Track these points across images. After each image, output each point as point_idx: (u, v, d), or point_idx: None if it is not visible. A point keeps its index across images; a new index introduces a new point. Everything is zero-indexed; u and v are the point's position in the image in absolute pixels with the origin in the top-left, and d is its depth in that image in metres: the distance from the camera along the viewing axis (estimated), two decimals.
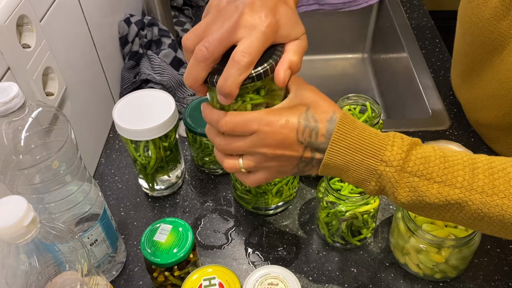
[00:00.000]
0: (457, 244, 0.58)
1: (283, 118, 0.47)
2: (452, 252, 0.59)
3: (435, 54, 1.04)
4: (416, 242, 0.60)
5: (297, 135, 0.47)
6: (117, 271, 0.67)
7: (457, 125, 0.86)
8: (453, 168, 0.45)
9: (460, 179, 0.45)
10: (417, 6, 1.21)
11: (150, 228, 0.60)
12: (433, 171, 0.46)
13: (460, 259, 0.60)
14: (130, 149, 0.70)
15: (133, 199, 0.77)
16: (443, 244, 0.58)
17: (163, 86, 0.90)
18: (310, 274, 0.66)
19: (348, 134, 0.47)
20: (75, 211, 0.55)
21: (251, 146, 0.48)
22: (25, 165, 0.47)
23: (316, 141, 0.47)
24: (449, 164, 0.46)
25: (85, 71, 0.79)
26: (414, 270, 0.63)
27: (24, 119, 0.46)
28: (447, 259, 0.59)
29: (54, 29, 0.67)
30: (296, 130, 0.47)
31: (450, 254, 0.59)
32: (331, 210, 0.63)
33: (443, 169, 0.46)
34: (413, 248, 0.61)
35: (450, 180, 0.45)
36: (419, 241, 0.59)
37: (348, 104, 0.72)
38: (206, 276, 0.55)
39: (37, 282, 0.43)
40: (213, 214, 0.75)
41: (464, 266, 0.63)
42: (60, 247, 0.44)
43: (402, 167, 0.46)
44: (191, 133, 0.73)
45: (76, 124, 0.76)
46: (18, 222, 0.39)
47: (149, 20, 0.99)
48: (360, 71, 1.37)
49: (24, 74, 0.59)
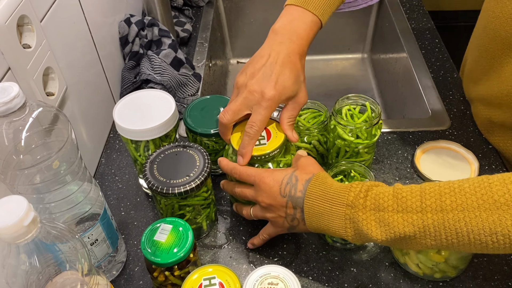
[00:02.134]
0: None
1: (273, 175, 0.60)
2: (452, 252, 0.59)
3: (435, 54, 1.04)
4: None
5: (280, 189, 0.59)
6: (117, 271, 0.67)
7: (457, 125, 0.86)
8: (406, 198, 0.52)
9: (414, 205, 0.51)
10: (417, 7, 1.21)
11: (150, 228, 0.60)
12: (390, 204, 0.52)
13: (460, 259, 0.60)
14: (130, 149, 0.70)
15: (134, 199, 0.77)
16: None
17: (163, 86, 0.90)
18: (310, 274, 0.66)
19: (318, 188, 0.57)
20: (75, 211, 0.55)
21: (253, 194, 0.62)
22: (25, 165, 0.47)
23: (295, 195, 0.58)
24: (402, 195, 0.52)
25: (85, 71, 0.79)
26: (414, 270, 0.64)
27: (25, 119, 0.46)
28: (446, 259, 0.60)
29: (54, 29, 0.67)
30: (280, 184, 0.59)
31: (450, 254, 0.59)
32: None
33: (399, 199, 0.52)
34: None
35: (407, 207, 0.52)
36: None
37: (348, 104, 0.72)
38: (206, 275, 0.55)
39: (37, 282, 0.43)
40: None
41: (464, 266, 0.63)
42: (61, 247, 0.44)
43: (364, 205, 0.53)
44: (191, 133, 0.73)
45: (76, 124, 0.76)
46: (19, 222, 0.39)
47: (149, 20, 0.99)
48: (360, 71, 1.37)
49: (24, 74, 0.59)
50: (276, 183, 0.59)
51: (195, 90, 0.96)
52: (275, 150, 0.63)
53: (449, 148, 0.81)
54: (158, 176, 0.62)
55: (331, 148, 0.72)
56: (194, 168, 0.62)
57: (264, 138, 0.64)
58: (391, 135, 0.85)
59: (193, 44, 1.13)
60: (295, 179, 0.58)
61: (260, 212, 0.63)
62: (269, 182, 0.59)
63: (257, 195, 0.61)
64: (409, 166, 0.80)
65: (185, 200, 0.63)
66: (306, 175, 0.59)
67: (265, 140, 0.64)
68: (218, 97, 0.76)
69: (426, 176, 0.76)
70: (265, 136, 0.64)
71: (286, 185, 0.58)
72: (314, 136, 0.72)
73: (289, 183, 0.58)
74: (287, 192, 0.58)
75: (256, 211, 0.64)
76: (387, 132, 0.86)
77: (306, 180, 0.58)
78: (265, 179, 0.60)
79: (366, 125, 0.67)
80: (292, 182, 0.58)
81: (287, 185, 0.58)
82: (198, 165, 0.63)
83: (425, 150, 0.81)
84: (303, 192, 0.57)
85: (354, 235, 0.55)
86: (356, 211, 0.54)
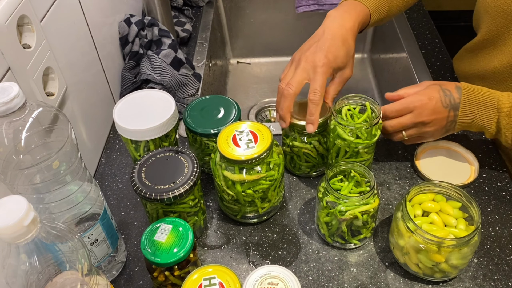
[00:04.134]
0: (457, 244, 0.58)
1: (428, 95, 0.70)
2: (452, 252, 0.59)
3: (435, 54, 1.04)
4: (416, 241, 0.60)
5: (441, 102, 0.70)
6: (117, 271, 0.67)
7: None
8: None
9: None
10: (417, 7, 1.21)
11: (150, 228, 0.60)
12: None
13: (460, 259, 0.60)
14: (130, 149, 0.70)
15: (134, 199, 0.77)
16: (442, 244, 0.58)
17: (163, 86, 0.90)
18: (310, 274, 0.66)
19: (472, 93, 0.69)
20: (75, 211, 0.55)
21: (414, 118, 0.71)
22: (25, 165, 0.47)
23: (455, 102, 0.70)
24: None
25: (85, 71, 0.79)
26: (414, 270, 0.64)
27: (25, 119, 0.46)
28: (447, 258, 0.60)
29: (54, 29, 0.67)
30: (440, 100, 0.70)
31: (450, 254, 0.59)
32: (331, 210, 0.63)
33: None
34: (412, 248, 0.61)
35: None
36: (419, 241, 0.59)
37: (348, 104, 0.72)
38: (206, 275, 0.55)
39: (37, 282, 0.43)
40: (213, 213, 0.75)
41: (464, 266, 0.63)
42: (61, 247, 0.44)
43: (509, 113, 0.67)
44: (191, 133, 0.73)
45: (76, 124, 0.76)
46: (19, 222, 0.39)
47: (149, 20, 0.99)
48: (360, 71, 1.37)
49: (24, 74, 0.59)
50: (435, 99, 0.69)
51: (195, 90, 0.96)
52: (265, 152, 0.63)
53: (449, 148, 0.81)
54: (145, 180, 0.62)
55: (331, 148, 0.72)
56: (181, 175, 0.62)
57: (251, 142, 0.64)
58: None
59: (193, 44, 1.13)
60: (448, 91, 0.70)
61: (416, 130, 0.72)
62: (429, 101, 0.69)
63: (419, 117, 0.70)
64: (409, 166, 0.80)
65: (170, 206, 0.63)
66: (451, 86, 0.71)
67: (253, 143, 0.64)
68: (218, 97, 0.76)
69: (426, 176, 0.76)
70: (252, 139, 0.64)
71: (445, 97, 0.70)
72: (314, 136, 0.72)
73: (446, 95, 0.70)
74: (448, 102, 0.69)
75: (411, 131, 0.73)
76: None
77: (454, 89, 0.70)
78: (424, 101, 0.70)
79: (366, 125, 0.67)
80: (447, 93, 0.70)
81: (445, 97, 0.70)
82: (186, 173, 0.62)
83: (425, 150, 0.81)
84: (459, 98, 0.69)
85: (493, 133, 0.69)
86: (502, 115, 0.67)
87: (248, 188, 0.65)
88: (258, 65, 1.43)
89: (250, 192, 0.65)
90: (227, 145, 0.63)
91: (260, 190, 0.66)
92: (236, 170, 0.64)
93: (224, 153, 0.63)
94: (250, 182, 0.64)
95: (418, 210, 0.65)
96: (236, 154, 0.62)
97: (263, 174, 0.64)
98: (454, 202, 0.64)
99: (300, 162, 0.76)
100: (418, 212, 0.65)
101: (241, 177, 0.64)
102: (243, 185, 0.65)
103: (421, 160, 0.79)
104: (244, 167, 0.63)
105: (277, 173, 0.66)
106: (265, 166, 0.65)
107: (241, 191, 0.65)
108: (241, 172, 0.64)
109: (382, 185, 0.77)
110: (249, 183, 0.65)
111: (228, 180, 0.65)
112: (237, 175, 0.64)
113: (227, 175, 0.64)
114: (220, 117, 0.73)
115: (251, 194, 0.66)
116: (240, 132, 0.65)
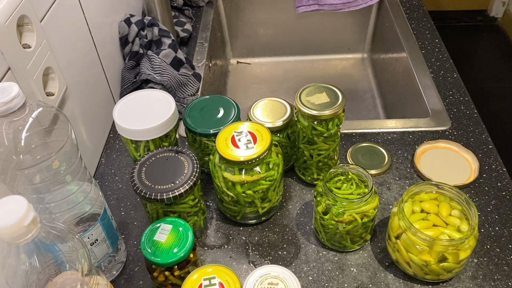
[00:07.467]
0: (449, 245, 0.57)
1: None
2: (444, 254, 0.58)
3: (435, 54, 1.04)
4: (408, 239, 0.59)
5: None
6: (117, 271, 0.67)
7: (457, 125, 0.86)
8: None
9: None
10: (417, 7, 1.21)
11: (150, 228, 0.60)
12: None
13: (453, 261, 0.60)
14: (130, 149, 0.70)
15: (134, 199, 0.77)
16: (434, 244, 0.58)
17: (163, 86, 0.90)
18: (310, 274, 0.66)
19: None
20: (75, 211, 0.55)
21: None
22: (25, 165, 0.47)
23: None
24: None
25: (85, 71, 0.79)
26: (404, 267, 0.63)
27: (25, 119, 0.46)
28: (438, 260, 0.59)
29: (54, 29, 0.67)
30: None
31: (441, 255, 0.58)
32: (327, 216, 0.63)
33: None
34: (403, 245, 0.61)
35: None
36: (411, 239, 0.59)
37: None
38: (206, 275, 0.55)
39: (37, 282, 0.43)
40: (213, 213, 0.75)
41: (457, 269, 0.62)
42: (61, 247, 0.44)
43: None
44: (191, 133, 0.73)
45: (76, 124, 0.76)
46: (19, 222, 0.39)
47: (149, 20, 0.99)
48: (360, 71, 1.37)
49: (24, 74, 0.59)
50: None
51: (195, 90, 0.96)
52: (265, 152, 0.63)
53: (449, 148, 0.81)
54: (145, 180, 0.62)
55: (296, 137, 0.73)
56: (181, 175, 0.62)
57: (251, 142, 0.64)
58: (391, 135, 0.85)
59: (193, 44, 1.13)
60: None
61: None
62: None
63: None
64: (409, 166, 0.80)
65: (170, 206, 0.63)
66: None
67: (252, 143, 0.64)
68: (218, 97, 0.76)
69: (426, 176, 0.76)
70: (251, 140, 0.64)
71: None
72: None
73: None
74: None
75: None
76: (387, 132, 0.86)
77: None
78: None
79: None
80: None
81: None
82: (186, 173, 0.62)
83: (425, 150, 0.81)
84: None
85: None
86: None
87: (248, 189, 0.65)
88: (258, 65, 1.43)
89: (250, 192, 0.65)
90: (226, 146, 0.63)
91: (260, 191, 0.66)
92: (236, 171, 0.64)
93: (224, 154, 0.63)
94: (250, 183, 0.64)
95: (417, 207, 0.64)
96: (236, 155, 0.62)
97: (263, 174, 0.64)
98: (454, 204, 0.64)
99: None
100: (416, 208, 0.64)
101: (241, 178, 0.64)
102: (243, 186, 0.65)
103: (421, 160, 0.79)
104: (244, 168, 0.63)
105: (276, 173, 0.66)
106: (264, 166, 0.65)
107: (241, 192, 0.65)
108: (241, 173, 0.64)
109: (382, 185, 0.77)
110: (249, 184, 0.65)
111: (228, 181, 0.65)
112: (237, 176, 0.64)
113: (226, 176, 0.64)
114: (220, 117, 0.73)
115: (251, 195, 0.66)
116: (238, 133, 0.65)
